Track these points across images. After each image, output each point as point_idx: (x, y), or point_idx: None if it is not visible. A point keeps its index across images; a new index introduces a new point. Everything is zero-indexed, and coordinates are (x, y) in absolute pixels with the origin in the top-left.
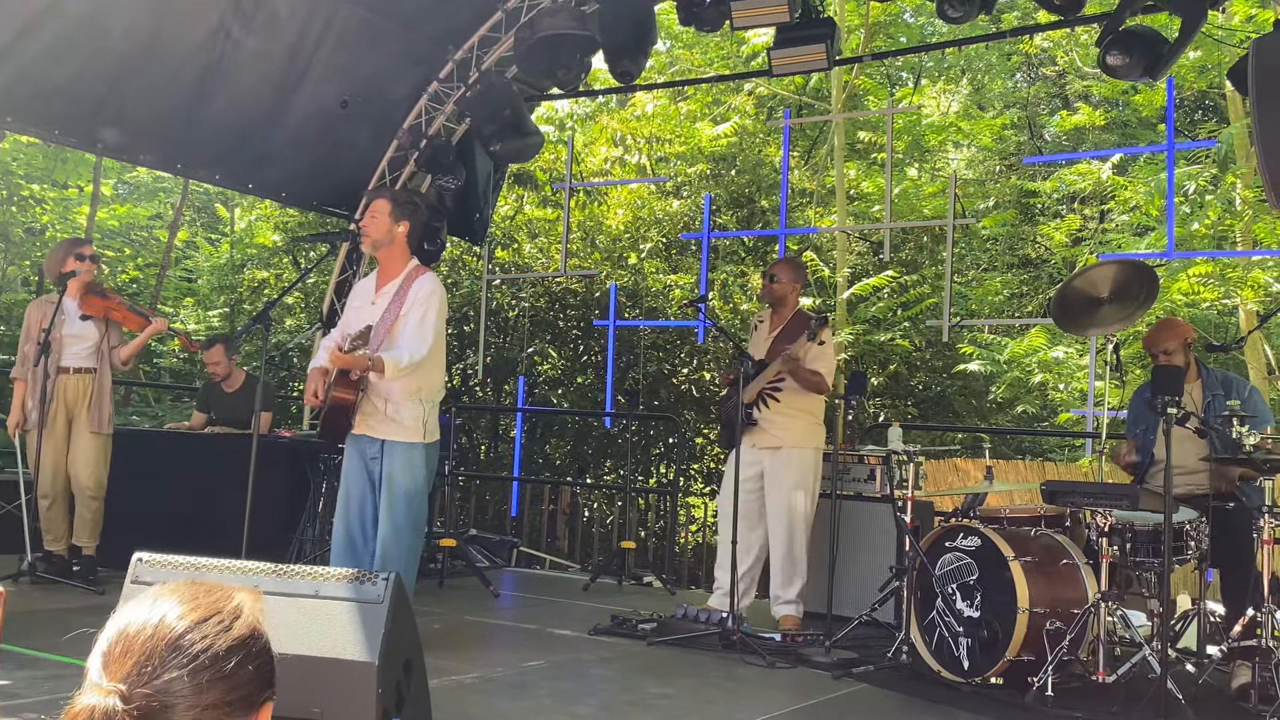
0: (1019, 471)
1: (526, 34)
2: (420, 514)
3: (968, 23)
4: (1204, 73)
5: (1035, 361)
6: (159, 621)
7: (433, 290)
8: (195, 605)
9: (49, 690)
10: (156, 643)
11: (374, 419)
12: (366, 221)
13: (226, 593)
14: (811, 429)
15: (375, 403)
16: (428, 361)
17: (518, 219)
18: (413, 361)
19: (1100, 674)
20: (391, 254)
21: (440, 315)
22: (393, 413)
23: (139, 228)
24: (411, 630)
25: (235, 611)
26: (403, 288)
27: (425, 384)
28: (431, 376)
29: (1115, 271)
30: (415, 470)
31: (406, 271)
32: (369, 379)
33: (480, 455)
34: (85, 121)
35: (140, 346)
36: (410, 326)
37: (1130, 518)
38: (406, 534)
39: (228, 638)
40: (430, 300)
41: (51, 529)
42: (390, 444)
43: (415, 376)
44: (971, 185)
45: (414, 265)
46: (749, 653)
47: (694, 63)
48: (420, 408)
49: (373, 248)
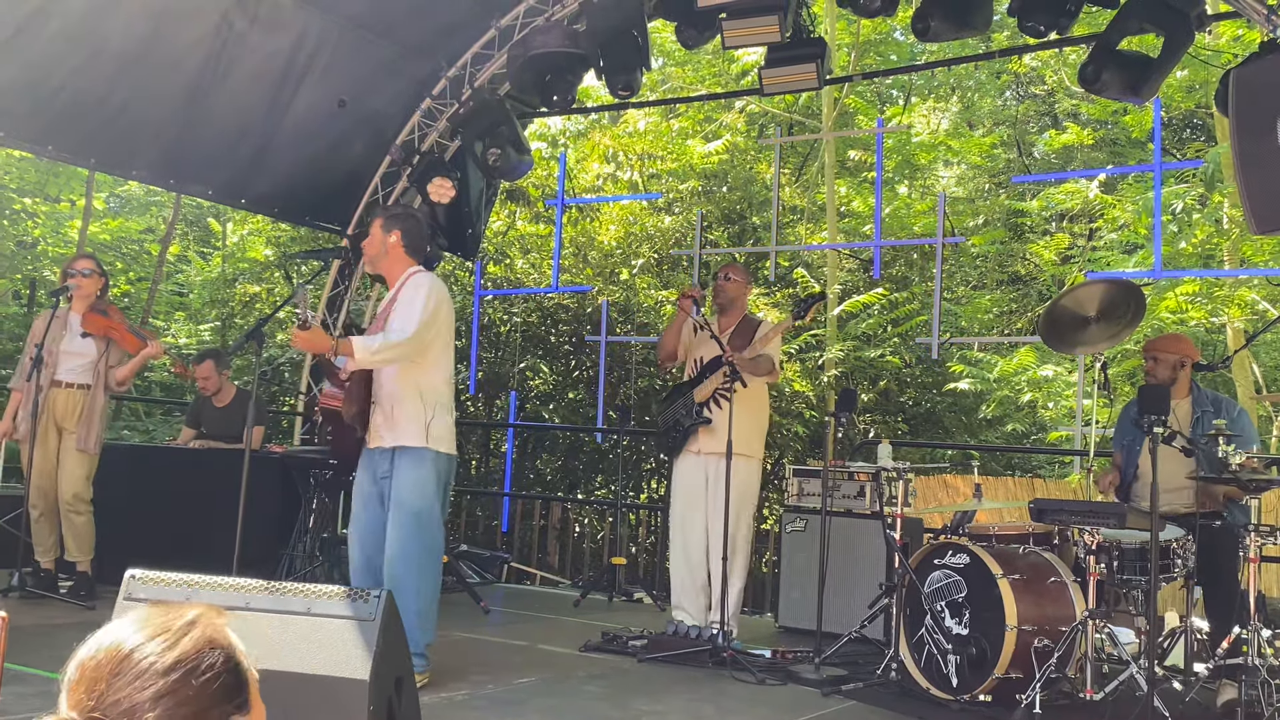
0: (1008, 489)
1: (519, 51)
2: (434, 533)
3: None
4: (1192, 92)
5: (1024, 380)
6: (110, 644)
7: (422, 283)
8: (145, 624)
9: (36, 707)
10: (107, 665)
11: (381, 428)
12: (364, 244)
13: (180, 611)
14: (758, 439)
15: (382, 407)
16: (423, 356)
17: (510, 234)
18: (388, 344)
19: (1088, 691)
20: (391, 265)
21: (436, 306)
22: (395, 413)
23: (131, 242)
24: (403, 647)
25: (184, 629)
26: (400, 288)
27: (422, 381)
28: (430, 375)
29: (1102, 291)
30: (424, 484)
31: (407, 274)
32: (356, 380)
33: (471, 470)
34: (77, 137)
35: (136, 369)
36: (398, 314)
37: (1117, 536)
38: (417, 557)
39: (172, 654)
40: (419, 289)
41: (40, 541)
42: (399, 456)
43: (411, 372)
44: (961, 203)
45: (414, 269)
46: (739, 669)
47: (686, 80)
48: (421, 407)
49: (372, 265)
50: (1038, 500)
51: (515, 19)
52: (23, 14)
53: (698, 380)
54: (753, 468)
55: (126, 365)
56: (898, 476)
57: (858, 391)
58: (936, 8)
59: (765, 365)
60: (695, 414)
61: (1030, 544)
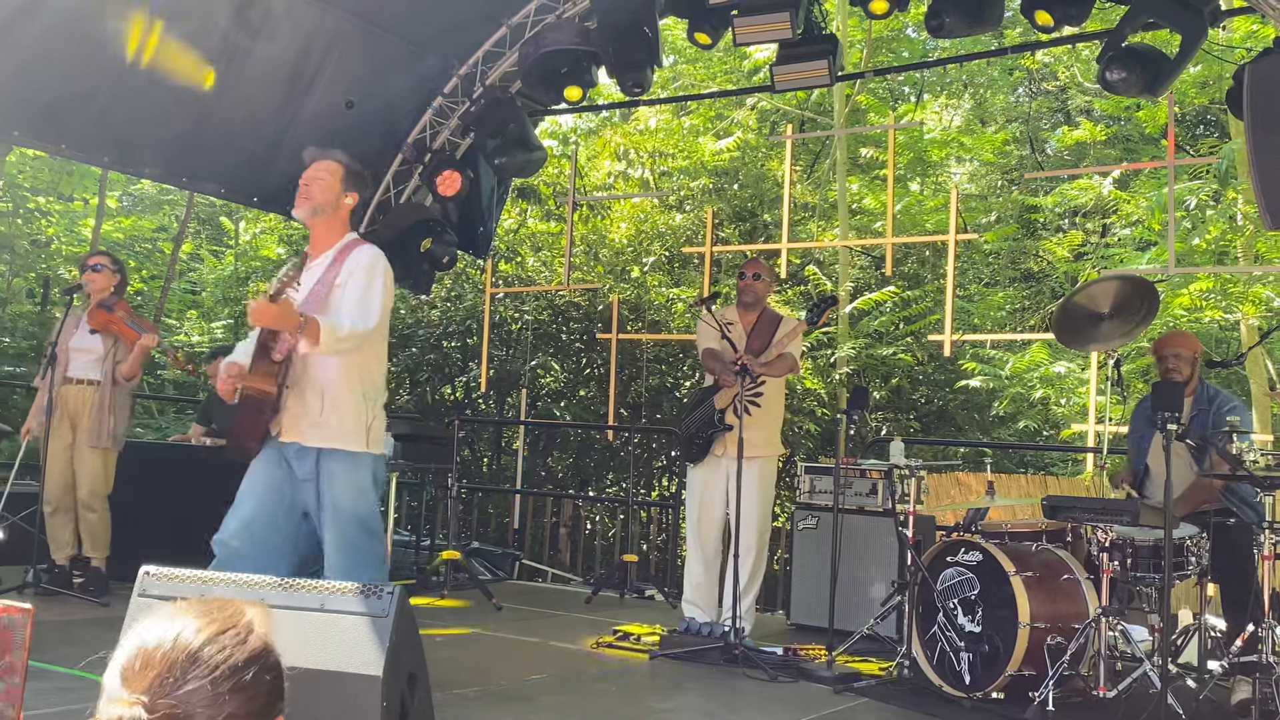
0: (1021, 486)
1: (531, 49)
2: (379, 543)
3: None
4: (1205, 88)
5: (1037, 377)
6: (176, 636)
7: (376, 259)
8: (210, 620)
9: (55, 703)
10: (176, 656)
11: (304, 421)
12: (310, 181)
13: (239, 608)
14: (777, 437)
15: (309, 399)
16: (369, 346)
17: (521, 232)
18: (355, 332)
19: (1101, 689)
20: (331, 224)
21: (387, 292)
22: (330, 411)
23: (143, 240)
24: (416, 644)
25: (249, 626)
26: (338, 258)
27: (365, 376)
28: (371, 369)
29: (1116, 287)
30: (364, 490)
31: (344, 242)
32: (293, 362)
33: (483, 468)
34: (91, 135)
35: (137, 361)
36: (351, 296)
37: (1131, 533)
38: (368, 570)
39: (244, 650)
40: (374, 269)
41: (56, 539)
42: (329, 458)
43: (355, 364)
44: (973, 200)
45: (353, 237)
46: (751, 667)
47: (697, 77)
48: (363, 406)
49: (311, 213)
50: (1050, 497)
51: (526, 16)
52: (35, 14)
53: (717, 386)
54: (771, 467)
55: (129, 359)
56: (910, 474)
57: (870, 389)
58: (950, 4)
59: (787, 364)
60: (717, 421)
61: (1043, 541)
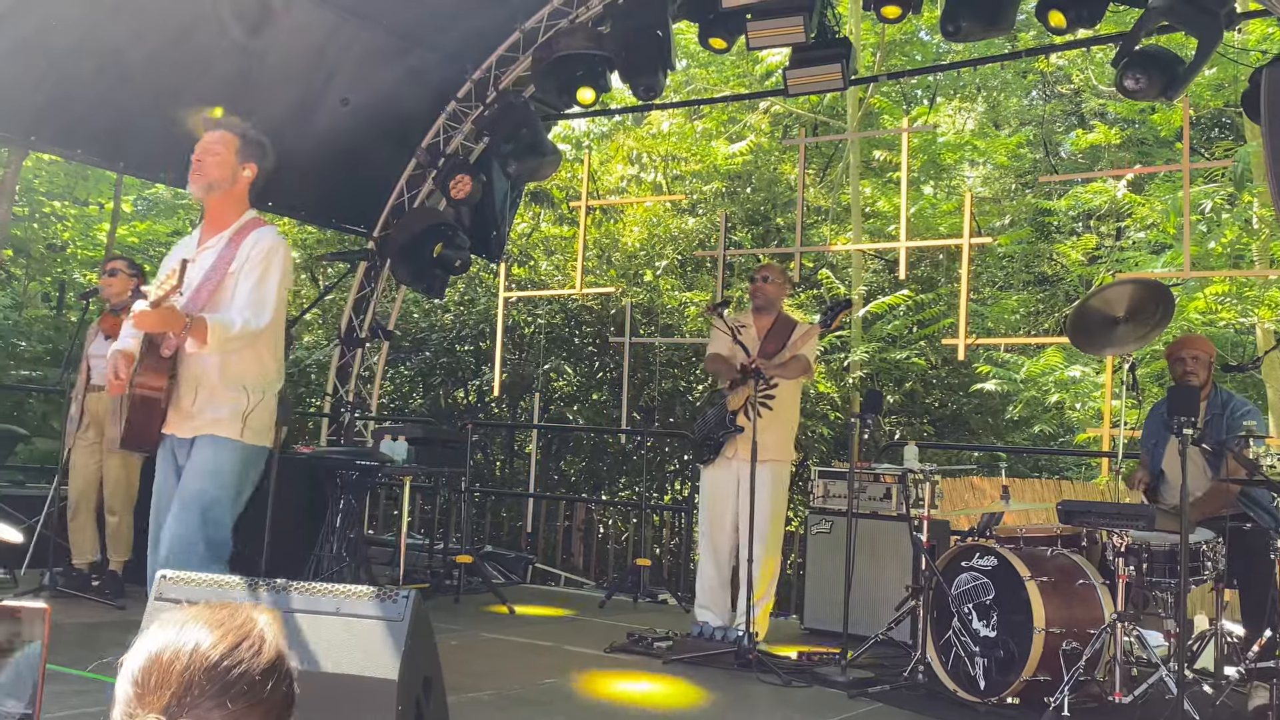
0: (1035, 490)
1: (544, 54)
2: (219, 531)
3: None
4: (1220, 91)
5: (1052, 381)
6: (193, 649)
7: (274, 246)
8: (225, 631)
9: (72, 706)
10: (193, 671)
11: (179, 414)
12: (203, 156)
13: (249, 615)
14: (790, 442)
15: (184, 393)
16: (261, 339)
17: (534, 236)
18: (247, 330)
19: (1117, 694)
20: (226, 201)
21: (284, 280)
22: (204, 403)
23: (159, 244)
24: (431, 648)
25: (262, 635)
26: (233, 240)
27: (250, 369)
28: (262, 359)
29: (1131, 291)
30: (219, 474)
31: (241, 222)
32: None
33: (496, 472)
34: (107, 140)
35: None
36: (245, 287)
37: (1147, 538)
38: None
39: (260, 661)
40: (272, 257)
41: (77, 544)
42: (199, 444)
43: (237, 358)
44: (987, 203)
45: (251, 216)
46: (765, 671)
47: (710, 81)
48: (242, 397)
49: (206, 190)
50: (1066, 502)
51: (539, 21)
52: (51, 21)
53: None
54: (784, 471)
55: None
56: (924, 478)
57: (883, 393)
58: (966, 8)
59: (800, 365)
60: (729, 423)
61: (1058, 546)
